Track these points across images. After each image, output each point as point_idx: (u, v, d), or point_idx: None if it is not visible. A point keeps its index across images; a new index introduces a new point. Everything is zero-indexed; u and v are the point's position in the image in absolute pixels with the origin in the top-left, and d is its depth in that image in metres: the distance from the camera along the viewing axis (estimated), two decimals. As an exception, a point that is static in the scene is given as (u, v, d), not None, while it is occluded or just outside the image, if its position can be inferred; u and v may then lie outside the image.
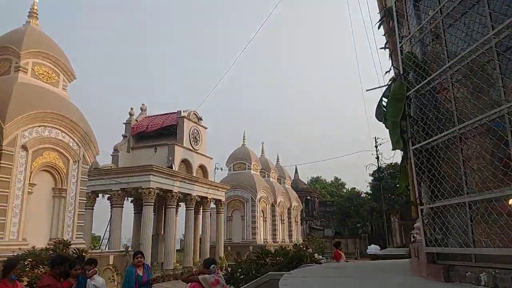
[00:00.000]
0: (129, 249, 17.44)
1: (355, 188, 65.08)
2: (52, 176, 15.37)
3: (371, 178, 51.88)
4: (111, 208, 25.00)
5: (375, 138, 33.16)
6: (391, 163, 39.69)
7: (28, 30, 16.46)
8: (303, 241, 40.86)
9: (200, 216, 29.51)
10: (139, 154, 27.37)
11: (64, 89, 17.21)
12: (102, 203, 25.60)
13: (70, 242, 12.73)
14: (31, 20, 17.21)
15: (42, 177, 14.92)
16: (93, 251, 17.15)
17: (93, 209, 24.00)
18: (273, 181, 42.52)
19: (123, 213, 23.85)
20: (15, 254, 10.88)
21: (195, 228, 28.53)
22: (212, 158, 31.15)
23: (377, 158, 33.33)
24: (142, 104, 30.61)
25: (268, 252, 10.21)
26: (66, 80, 17.38)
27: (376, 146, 33.04)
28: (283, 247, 15.89)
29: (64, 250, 11.35)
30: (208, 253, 27.72)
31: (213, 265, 6.67)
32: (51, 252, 11.00)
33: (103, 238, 26.08)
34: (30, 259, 10.50)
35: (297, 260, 9.44)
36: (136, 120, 28.98)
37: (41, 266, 10.12)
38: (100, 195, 24.42)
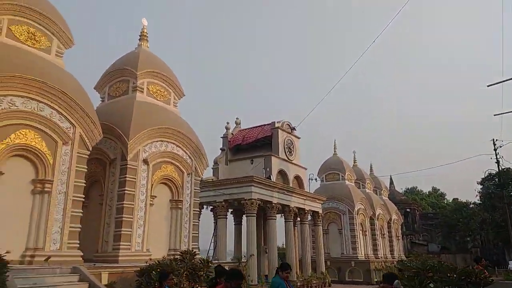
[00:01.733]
0: (242, 260, 17.30)
1: (457, 199, 58.94)
2: (169, 188, 15.96)
3: (480, 186, 46.40)
4: (214, 219, 25.56)
5: (494, 140, 29.25)
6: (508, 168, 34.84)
7: (141, 52, 17.60)
8: (406, 257, 37.65)
9: (297, 229, 28.79)
10: (237, 166, 27.73)
11: (175, 105, 18.02)
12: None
13: (195, 252, 12.88)
14: (142, 43, 18.42)
15: (161, 190, 15.54)
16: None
17: (199, 220, 24.70)
18: (370, 192, 40.18)
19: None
20: (148, 264, 11.21)
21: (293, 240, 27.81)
22: (306, 169, 30.39)
23: (497, 162, 29.35)
24: (237, 118, 31.22)
25: (431, 267, 9.03)
26: (176, 97, 18.21)
27: (495, 149, 29.13)
28: (386, 262, 14.36)
29: (192, 260, 11.42)
30: (309, 267, 26.81)
31: (397, 281, 5.86)
32: (179, 263, 11.12)
33: (209, 249, 26.80)
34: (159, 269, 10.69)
35: (465, 277, 8.21)
36: (232, 134, 29.58)
37: (174, 278, 10.24)
38: (204, 206, 25.09)
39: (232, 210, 27.34)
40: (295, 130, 29.07)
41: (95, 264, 11.68)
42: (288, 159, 27.51)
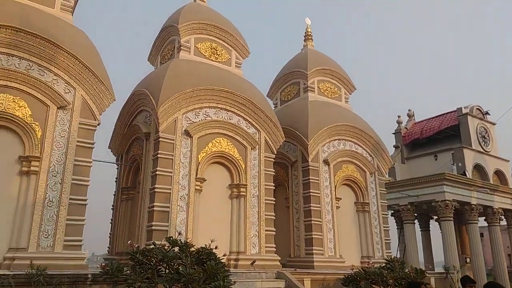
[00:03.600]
0: (450, 270, 14.71)
1: None
2: (352, 190, 14.79)
3: None
4: (398, 225, 23.14)
5: None
6: None
7: (309, 52, 17.13)
8: None
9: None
10: (416, 164, 24.62)
11: (346, 101, 16.89)
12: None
13: (403, 261, 11.30)
14: (307, 43, 17.97)
15: (344, 191, 14.50)
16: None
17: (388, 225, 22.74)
18: None
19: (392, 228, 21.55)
20: (353, 272, 10.20)
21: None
22: (508, 161, 24.85)
23: None
24: (409, 110, 28.03)
25: None
26: (347, 92, 17.07)
27: None
28: None
29: (403, 269, 9.91)
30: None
31: None
32: (386, 272, 9.73)
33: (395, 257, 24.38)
34: (370, 278, 9.51)
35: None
36: (406, 128, 26.59)
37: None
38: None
39: (416, 214, 24.31)
40: (489, 114, 24.18)
41: (295, 269, 11.34)
42: (484, 150, 22.94)
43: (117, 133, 13.26)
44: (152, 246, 7.34)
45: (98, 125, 9.91)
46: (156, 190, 10.41)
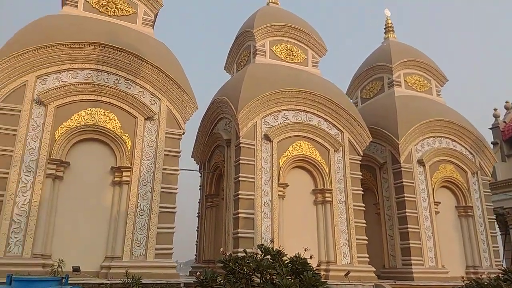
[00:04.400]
0: None
1: None
2: (452, 192, 13.22)
3: None
4: (502, 230, 20.37)
5: None
6: None
7: (391, 44, 15.88)
8: None
9: None
10: (520, 162, 21.55)
11: (438, 94, 15.29)
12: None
13: None
14: (388, 35, 16.72)
15: (442, 195, 13.00)
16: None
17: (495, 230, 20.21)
18: None
19: None
20: (465, 283, 8.87)
21: None
22: None
23: None
24: (506, 102, 24.83)
25: None
26: (438, 84, 15.48)
27: None
28: None
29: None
30: None
31: None
32: (505, 284, 8.25)
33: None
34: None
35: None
36: (505, 122, 23.52)
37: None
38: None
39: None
40: None
41: (395, 281, 10.29)
42: None
43: (199, 141, 13.40)
44: (243, 254, 7.00)
45: (183, 134, 10.02)
46: (240, 196, 10.19)
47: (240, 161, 10.43)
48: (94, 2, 10.68)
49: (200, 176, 13.58)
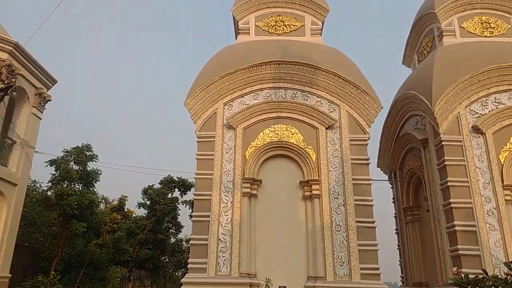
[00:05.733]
0: None
1: None
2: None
3: None
4: None
5: None
6: None
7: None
8: None
9: None
10: None
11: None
12: None
13: None
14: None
15: None
16: None
17: None
18: None
19: None
20: None
21: None
22: None
23: None
24: None
25: None
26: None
27: None
28: None
29: None
30: None
31: None
32: None
33: None
34: None
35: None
36: None
37: None
38: None
39: None
40: None
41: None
42: None
43: (384, 148, 12.01)
44: (482, 276, 5.32)
45: (368, 139, 9.12)
46: (452, 205, 8.34)
47: (446, 162, 8.66)
48: (264, 25, 11.11)
49: (392, 187, 12.04)
